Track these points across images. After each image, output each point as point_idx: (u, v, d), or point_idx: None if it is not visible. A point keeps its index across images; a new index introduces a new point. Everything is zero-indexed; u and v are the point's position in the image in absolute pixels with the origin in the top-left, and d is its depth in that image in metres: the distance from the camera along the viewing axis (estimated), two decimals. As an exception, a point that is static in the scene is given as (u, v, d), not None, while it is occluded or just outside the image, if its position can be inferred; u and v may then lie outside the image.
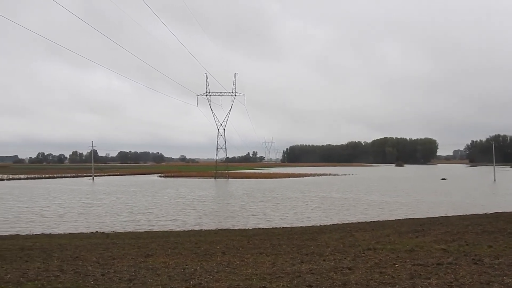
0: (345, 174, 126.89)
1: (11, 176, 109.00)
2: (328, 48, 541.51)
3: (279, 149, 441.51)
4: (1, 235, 24.64)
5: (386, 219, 30.54)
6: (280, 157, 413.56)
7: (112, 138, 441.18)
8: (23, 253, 15.30)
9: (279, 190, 63.88)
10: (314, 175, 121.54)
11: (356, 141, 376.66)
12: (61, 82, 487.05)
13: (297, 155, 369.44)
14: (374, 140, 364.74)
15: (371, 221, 28.98)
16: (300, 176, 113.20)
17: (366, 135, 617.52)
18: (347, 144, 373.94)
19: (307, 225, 28.07)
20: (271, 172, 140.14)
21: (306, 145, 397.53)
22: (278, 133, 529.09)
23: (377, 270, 10.69)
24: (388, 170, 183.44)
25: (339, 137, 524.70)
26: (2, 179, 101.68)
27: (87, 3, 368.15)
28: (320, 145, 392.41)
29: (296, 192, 60.92)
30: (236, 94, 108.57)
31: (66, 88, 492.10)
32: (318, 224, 28.54)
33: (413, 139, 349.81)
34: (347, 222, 29.33)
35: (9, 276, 10.71)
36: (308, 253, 14.04)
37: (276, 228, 26.49)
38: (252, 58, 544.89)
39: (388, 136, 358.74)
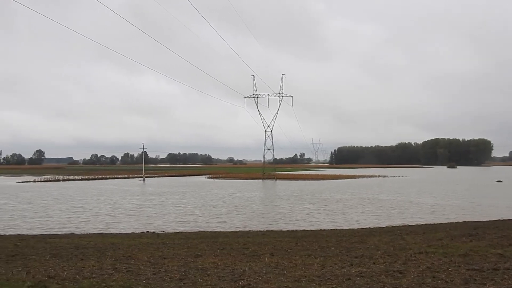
0: (395, 176, 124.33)
1: (66, 177, 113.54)
2: (375, 46, 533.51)
3: (326, 150, 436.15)
4: (58, 234, 25.63)
5: (438, 222, 29.73)
6: (328, 159, 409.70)
7: (162, 140, 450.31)
8: (78, 251, 15.86)
9: (327, 192, 63.33)
10: (362, 176, 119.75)
11: (406, 142, 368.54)
12: (112, 85, 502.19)
13: (345, 157, 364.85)
14: (425, 141, 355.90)
15: (422, 224, 28.25)
16: (348, 178, 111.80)
17: (417, 136, 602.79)
18: (396, 145, 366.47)
19: (356, 228, 27.72)
20: (319, 173, 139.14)
21: (354, 146, 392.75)
22: (326, 134, 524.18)
23: (430, 275, 10.42)
24: (440, 172, 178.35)
25: (388, 138, 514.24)
26: (58, 180, 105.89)
27: (135, 6, 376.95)
28: (369, 146, 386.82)
29: (344, 194, 60.21)
30: (284, 95, 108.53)
31: (116, 91, 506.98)
32: (367, 227, 28.13)
33: (466, 139, 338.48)
34: (397, 225, 28.72)
35: (65, 273, 11.13)
36: (357, 255, 13.86)
37: (324, 230, 26.28)
38: (299, 58, 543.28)
39: (440, 137, 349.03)
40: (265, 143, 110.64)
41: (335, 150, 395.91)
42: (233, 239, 20.20)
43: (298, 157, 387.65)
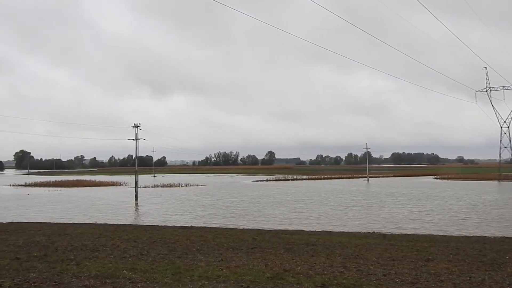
0: None
1: (294, 177, 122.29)
2: None
3: None
4: (289, 230, 27.26)
5: None
6: None
7: (384, 139, 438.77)
8: (309, 247, 16.61)
9: None
10: None
11: None
12: (328, 85, 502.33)
13: None
14: None
15: None
16: None
17: None
18: None
19: None
20: None
21: None
22: None
23: None
24: None
25: None
26: (287, 179, 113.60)
27: (344, 1, 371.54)
28: None
29: None
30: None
31: (333, 90, 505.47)
32: None
33: None
34: None
35: (299, 268, 11.76)
36: None
37: None
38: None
39: None
40: (500, 140, 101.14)
41: None
42: (467, 245, 18.80)
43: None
